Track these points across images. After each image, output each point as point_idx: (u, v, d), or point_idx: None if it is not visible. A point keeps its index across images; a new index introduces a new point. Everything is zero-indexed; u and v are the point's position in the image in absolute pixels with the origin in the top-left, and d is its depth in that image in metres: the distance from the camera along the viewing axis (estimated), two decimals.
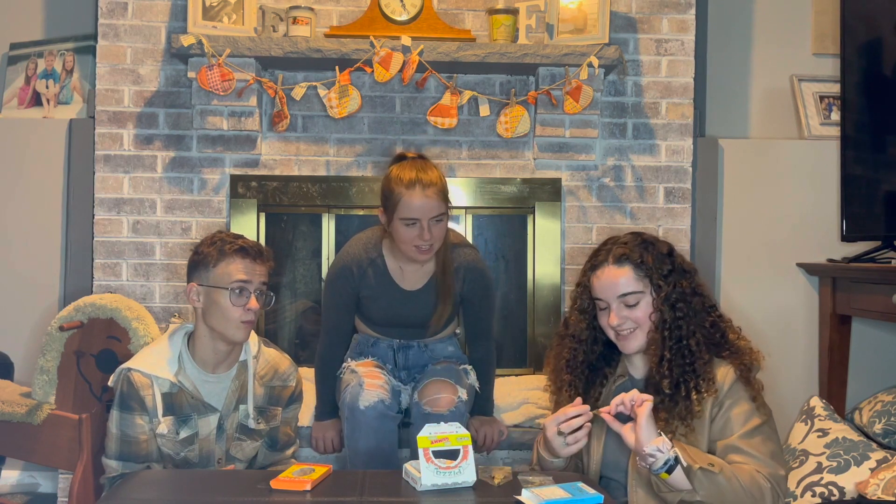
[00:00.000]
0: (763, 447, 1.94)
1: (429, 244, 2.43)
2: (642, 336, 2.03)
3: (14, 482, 3.24)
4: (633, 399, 1.88)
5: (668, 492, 1.86)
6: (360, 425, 2.41)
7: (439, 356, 2.67)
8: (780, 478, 1.92)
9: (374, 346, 2.66)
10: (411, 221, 2.40)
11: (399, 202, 2.40)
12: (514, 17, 3.06)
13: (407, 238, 2.43)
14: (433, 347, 2.68)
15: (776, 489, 1.90)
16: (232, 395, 2.29)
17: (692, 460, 1.84)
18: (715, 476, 1.84)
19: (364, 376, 2.49)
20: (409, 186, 2.39)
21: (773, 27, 3.60)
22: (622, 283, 2.02)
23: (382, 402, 2.42)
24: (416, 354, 2.66)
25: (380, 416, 2.41)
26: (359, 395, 2.43)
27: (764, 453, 1.93)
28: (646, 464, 1.86)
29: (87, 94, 3.37)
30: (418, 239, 2.41)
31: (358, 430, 2.42)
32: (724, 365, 2.01)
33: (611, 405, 1.92)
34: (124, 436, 2.21)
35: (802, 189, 3.36)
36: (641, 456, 1.86)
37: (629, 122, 3.22)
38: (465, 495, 1.81)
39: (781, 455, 2.01)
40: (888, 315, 2.78)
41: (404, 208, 2.40)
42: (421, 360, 2.66)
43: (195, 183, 3.15)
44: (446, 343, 2.71)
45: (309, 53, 2.95)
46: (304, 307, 3.34)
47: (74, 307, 2.61)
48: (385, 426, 2.43)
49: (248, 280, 2.22)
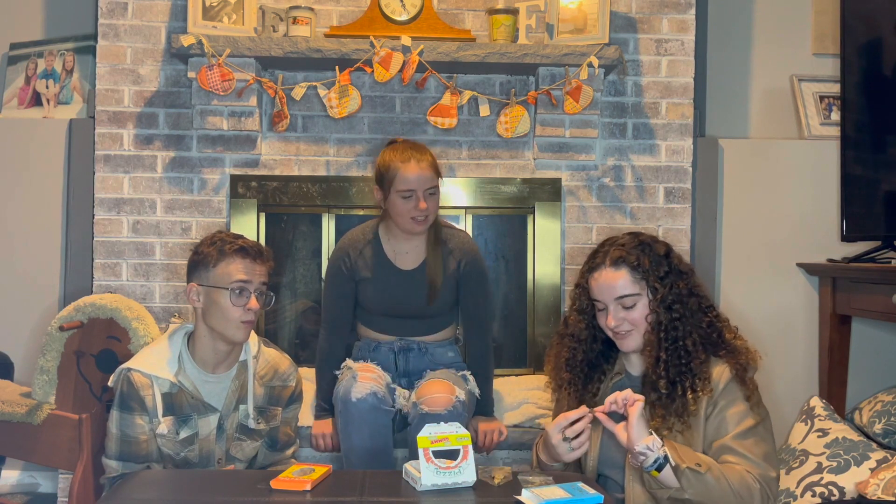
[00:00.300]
0: (756, 448, 1.95)
1: (424, 215, 2.54)
2: (639, 336, 2.05)
3: (14, 482, 3.24)
4: (625, 398, 1.91)
5: (658, 488, 1.89)
6: (353, 418, 2.42)
7: (439, 361, 2.67)
8: (770, 479, 1.94)
9: (376, 351, 2.67)
10: (408, 193, 2.52)
11: (396, 176, 2.53)
12: (514, 17, 3.06)
13: (404, 210, 2.54)
14: (433, 352, 2.68)
15: (766, 490, 1.92)
16: (232, 395, 2.29)
17: (681, 459, 1.87)
18: (702, 476, 1.86)
19: (358, 370, 2.52)
20: (404, 161, 2.54)
21: (773, 27, 3.60)
22: (619, 285, 2.04)
23: (375, 395, 2.43)
24: (417, 358, 2.67)
25: (372, 408, 2.41)
26: (351, 387, 2.45)
27: (757, 455, 1.95)
28: (637, 462, 1.89)
29: (87, 94, 3.37)
30: (414, 210, 2.53)
31: (351, 423, 2.43)
32: (720, 364, 2.02)
33: (605, 404, 1.94)
34: (124, 436, 2.21)
35: (802, 189, 3.36)
36: (632, 454, 1.89)
37: (629, 122, 3.22)
38: (465, 495, 1.81)
39: (775, 456, 2.02)
40: (888, 315, 2.78)
41: (401, 181, 2.52)
42: (421, 364, 2.66)
43: (195, 183, 3.15)
44: (446, 348, 2.71)
45: (309, 53, 2.96)
46: (304, 307, 3.34)
47: (74, 307, 2.61)
48: (378, 420, 2.43)
49: (248, 280, 2.23)
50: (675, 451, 1.88)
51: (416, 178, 2.53)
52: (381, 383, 2.50)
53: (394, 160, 2.55)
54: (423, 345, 2.67)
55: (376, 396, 2.43)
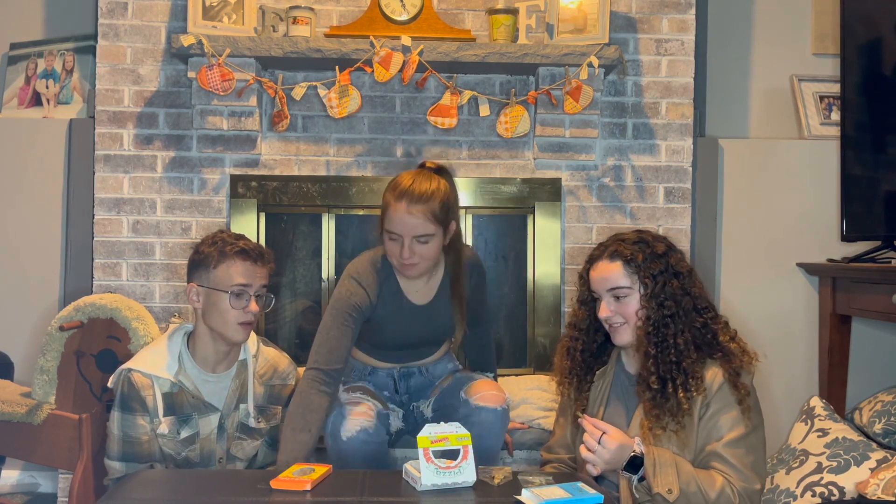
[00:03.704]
0: (745, 458, 1.97)
1: (411, 262, 2.28)
2: (631, 331, 2.08)
3: (14, 482, 3.24)
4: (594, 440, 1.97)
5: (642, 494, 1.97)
6: (346, 455, 2.28)
7: (440, 376, 2.56)
8: (753, 492, 1.96)
9: (372, 375, 2.53)
10: (394, 236, 2.27)
11: (385, 212, 2.29)
12: (514, 17, 3.06)
13: (389, 250, 2.31)
14: (433, 371, 2.56)
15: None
16: (232, 395, 2.29)
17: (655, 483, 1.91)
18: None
19: (347, 403, 2.36)
20: (397, 198, 2.25)
21: (773, 27, 3.60)
22: (612, 277, 2.08)
23: (366, 432, 2.27)
24: (418, 380, 2.55)
25: (363, 444, 2.27)
26: (340, 426, 2.28)
27: (745, 464, 1.97)
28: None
29: (87, 94, 3.37)
30: (400, 255, 2.28)
31: (343, 460, 2.28)
32: (714, 366, 2.04)
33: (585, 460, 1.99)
34: (126, 437, 2.21)
35: (802, 189, 3.36)
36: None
37: (629, 122, 3.22)
38: (465, 495, 1.81)
39: (763, 466, 2.05)
40: (888, 315, 2.78)
41: (388, 220, 2.28)
42: (422, 385, 2.55)
43: (195, 183, 3.15)
44: (445, 362, 2.60)
45: (309, 53, 2.96)
46: (303, 307, 3.34)
47: (74, 307, 2.61)
48: (371, 451, 2.29)
49: (248, 284, 2.22)
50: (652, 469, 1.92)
51: (401, 222, 2.24)
52: (371, 416, 2.32)
53: (390, 193, 2.27)
54: (424, 367, 2.56)
55: (367, 433, 2.27)
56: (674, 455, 1.96)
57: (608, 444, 1.93)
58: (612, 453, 1.93)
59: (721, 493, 1.93)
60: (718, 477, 1.95)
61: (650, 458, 1.93)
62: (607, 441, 1.93)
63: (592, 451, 1.94)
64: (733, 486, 1.94)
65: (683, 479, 1.92)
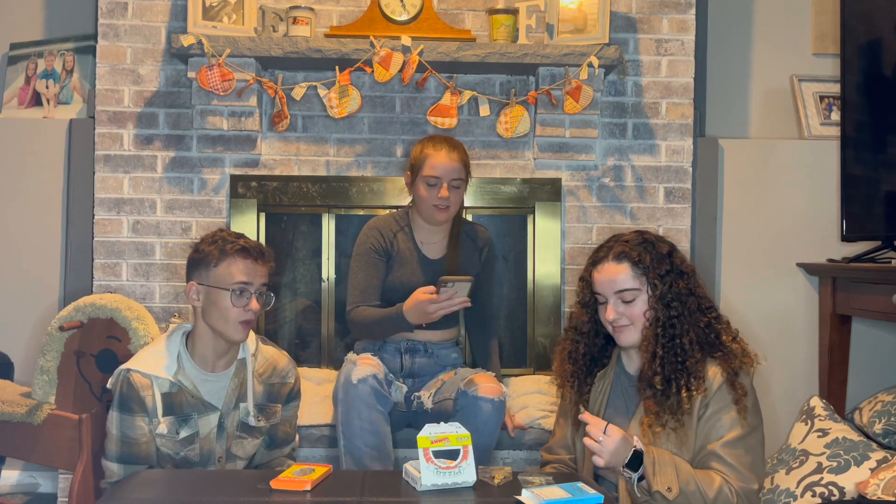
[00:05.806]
0: (744, 458, 1.98)
1: (445, 204, 2.61)
2: (637, 332, 2.08)
3: (14, 482, 3.24)
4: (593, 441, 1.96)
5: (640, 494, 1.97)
6: (354, 401, 2.43)
7: (444, 363, 2.71)
8: (750, 492, 1.97)
9: (381, 350, 2.68)
10: (433, 181, 2.60)
11: (425, 161, 2.62)
12: (514, 17, 3.06)
13: (427, 197, 2.62)
14: (438, 353, 2.70)
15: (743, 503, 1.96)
16: (231, 394, 2.29)
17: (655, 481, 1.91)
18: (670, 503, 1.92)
19: (358, 359, 2.55)
20: (436, 148, 2.63)
21: (773, 27, 3.60)
22: (620, 279, 2.07)
23: (375, 377, 2.45)
24: (422, 359, 2.68)
25: (372, 389, 2.44)
26: (351, 371, 2.47)
27: (743, 465, 1.97)
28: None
29: (87, 94, 3.37)
30: (437, 198, 2.60)
31: (352, 407, 2.43)
32: (715, 366, 2.04)
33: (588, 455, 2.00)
34: (125, 437, 2.21)
35: (802, 189, 3.36)
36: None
37: (629, 122, 3.22)
38: (465, 495, 1.81)
39: (762, 467, 2.05)
40: (888, 315, 2.78)
41: (429, 167, 2.61)
42: (426, 365, 2.69)
43: (195, 183, 3.15)
44: (450, 349, 2.74)
45: (309, 53, 2.96)
46: (303, 307, 3.34)
47: (74, 307, 2.61)
48: (378, 402, 2.45)
49: (248, 282, 2.22)
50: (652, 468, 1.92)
51: (443, 166, 2.60)
52: (380, 368, 2.53)
53: (426, 147, 2.65)
54: (429, 346, 2.69)
55: (376, 379, 2.46)
56: (672, 455, 1.97)
57: (612, 433, 1.93)
58: (615, 443, 1.92)
59: (719, 493, 1.93)
60: (716, 477, 1.95)
61: (649, 456, 1.93)
62: (611, 430, 1.93)
63: (597, 440, 1.93)
64: (731, 486, 1.94)
65: (682, 478, 1.92)
